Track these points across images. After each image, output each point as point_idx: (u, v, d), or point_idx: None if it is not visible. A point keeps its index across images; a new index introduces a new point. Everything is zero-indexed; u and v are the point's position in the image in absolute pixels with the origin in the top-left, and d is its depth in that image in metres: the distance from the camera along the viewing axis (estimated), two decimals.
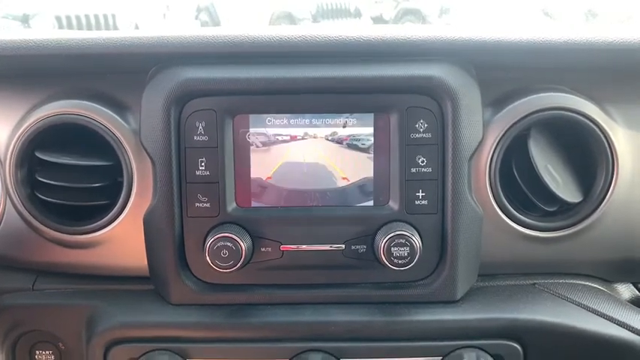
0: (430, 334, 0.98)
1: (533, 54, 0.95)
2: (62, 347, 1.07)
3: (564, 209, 1.01)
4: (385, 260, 0.93)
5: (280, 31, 0.93)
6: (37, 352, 1.09)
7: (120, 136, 0.98)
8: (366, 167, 0.97)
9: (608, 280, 1.09)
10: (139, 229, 0.98)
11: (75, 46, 0.92)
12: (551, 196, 0.98)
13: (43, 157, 0.99)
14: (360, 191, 0.98)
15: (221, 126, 0.94)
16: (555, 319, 0.98)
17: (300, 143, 0.96)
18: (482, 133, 0.96)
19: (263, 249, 0.97)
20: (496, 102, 0.99)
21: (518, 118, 0.97)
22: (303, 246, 0.97)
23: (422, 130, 0.94)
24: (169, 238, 0.96)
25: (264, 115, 0.95)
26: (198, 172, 0.95)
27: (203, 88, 0.93)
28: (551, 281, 1.05)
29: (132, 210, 0.99)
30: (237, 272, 0.94)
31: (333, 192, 0.98)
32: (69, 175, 0.99)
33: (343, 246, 0.97)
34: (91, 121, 0.97)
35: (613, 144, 0.98)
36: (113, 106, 0.99)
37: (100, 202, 1.01)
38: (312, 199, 0.98)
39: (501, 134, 0.98)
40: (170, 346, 0.97)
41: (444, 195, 0.96)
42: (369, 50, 0.93)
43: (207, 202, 0.96)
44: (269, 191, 0.97)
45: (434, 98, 0.94)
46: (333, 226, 0.97)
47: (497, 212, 1.00)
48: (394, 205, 0.96)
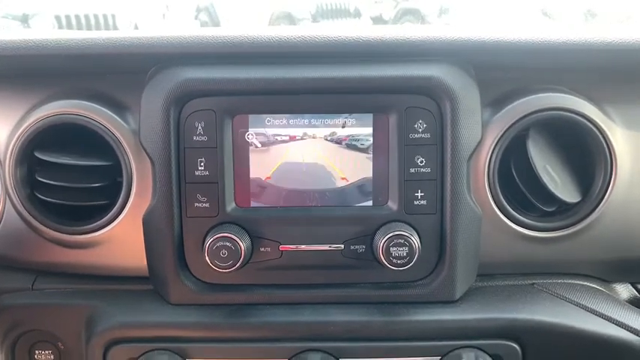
0: (429, 334, 0.98)
1: (532, 54, 0.95)
2: (62, 347, 1.08)
3: (563, 209, 1.01)
4: (384, 260, 0.93)
5: (280, 31, 0.93)
6: (37, 352, 1.09)
7: (119, 136, 0.98)
8: (365, 167, 0.97)
9: (607, 280, 1.09)
10: (138, 229, 0.98)
11: (74, 46, 0.93)
12: (549, 197, 0.98)
13: (42, 157, 0.99)
14: (359, 191, 0.98)
15: (220, 126, 0.94)
16: (554, 319, 0.98)
17: (300, 143, 0.96)
18: (481, 134, 0.96)
19: (262, 249, 0.97)
20: (495, 102, 0.99)
21: (517, 118, 0.97)
22: (302, 246, 0.98)
23: (421, 130, 0.95)
24: (169, 238, 0.96)
25: (264, 115, 0.95)
26: (197, 172, 0.95)
27: (202, 89, 0.93)
28: (550, 281, 1.05)
29: (131, 210, 0.99)
30: (236, 272, 0.94)
31: (332, 192, 0.98)
32: (68, 175, 0.99)
33: (342, 246, 0.98)
34: (91, 121, 0.97)
35: (611, 144, 0.98)
36: (113, 106, 0.99)
37: (99, 202, 1.01)
38: (311, 199, 0.98)
39: (500, 134, 0.98)
40: (169, 346, 0.97)
41: (443, 195, 0.96)
42: (368, 50, 0.93)
43: (206, 202, 0.96)
44: (268, 191, 0.98)
45: (433, 98, 0.94)
46: (332, 226, 0.97)
47: (496, 212, 1.00)
48: (393, 205, 0.97)
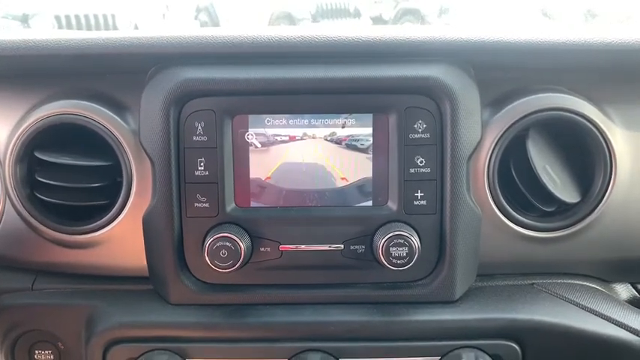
0: (429, 334, 0.98)
1: (532, 54, 0.95)
2: (61, 347, 1.08)
3: (562, 209, 1.01)
4: (384, 260, 0.93)
5: (279, 31, 0.93)
6: (37, 352, 1.09)
7: (119, 137, 0.98)
8: (365, 167, 0.97)
9: (607, 280, 1.09)
10: (138, 229, 0.98)
11: (74, 47, 0.93)
12: (549, 197, 0.98)
13: (42, 157, 0.99)
14: (358, 191, 0.98)
15: (220, 126, 0.94)
16: (553, 319, 0.98)
17: (299, 143, 0.96)
18: (480, 134, 0.96)
19: (262, 249, 0.97)
20: (495, 102, 0.99)
21: (517, 118, 0.97)
22: (302, 246, 0.98)
23: (420, 130, 0.95)
24: (168, 238, 0.96)
25: (264, 115, 0.95)
26: (197, 173, 0.95)
27: (202, 89, 0.93)
28: (550, 281, 1.05)
29: (131, 210, 0.99)
30: (236, 272, 0.94)
31: (332, 192, 0.98)
32: (68, 175, 0.99)
33: (342, 246, 0.98)
34: (91, 121, 0.97)
35: (611, 144, 0.98)
36: (112, 106, 0.99)
37: (99, 202, 1.01)
38: (311, 200, 0.98)
39: (500, 135, 0.98)
40: (169, 346, 0.97)
41: (443, 195, 0.96)
42: (368, 51, 0.93)
43: (206, 203, 0.96)
44: (268, 191, 0.98)
45: (432, 99, 0.94)
46: (332, 226, 0.97)
47: (496, 212, 1.00)
48: (393, 205, 0.97)
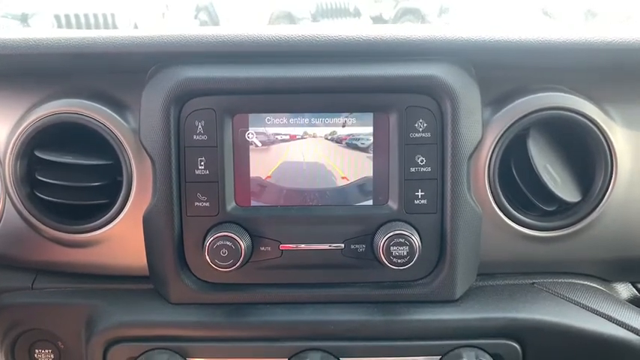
0: (429, 333, 0.98)
1: (533, 53, 0.95)
2: (62, 346, 1.07)
3: (563, 209, 1.01)
4: (384, 259, 0.93)
5: (280, 30, 0.93)
6: (37, 351, 1.09)
7: (119, 135, 0.97)
8: (366, 167, 0.97)
9: (607, 279, 1.09)
10: (138, 228, 0.98)
11: (75, 45, 0.92)
12: (550, 196, 0.98)
13: (42, 156, 0.99)
14: (359, 190, 0.98)
15: (220, 125, 0.94)
16: (554, 318, 0.98)
17: (300, 142, 0.96)
18: (481, 133, 0.96)
19: (262, 248, 0.97)
20: (495, 101, 0.99)
21: (518, 117, 0.97)
22: (302, 245, 0.97)
23: (421, 129, 0.95)
24: (169, 237, 0.96)
25: (264, 114, 0.95)
26: (197, 172, 0.95)
27: (202, 88, 0.93)
28: (550, 280, 1.05)
29: (131, 209, 0.99)
30: (236, 271, 0.94)
31: (333, 191, 0.98)
32: (68, 174, 0.98)
33: (342, 245, 0.97)
34: (91, 120, 0.97)
35: (612, 143, 0.98)
36: (113, 105, 0.98)
37: (99, 201, 1.01)
38: (312, 199, 0.98)
39: (500, 134, 0.98)
40: (169, 345, 0.97)
41: (444, 194, 0.96)
42: (369, 50, 0.93)
43: (206, 202, 0.96)
44: (268, 190, 0.97)
45: (433, 98, 0.94)
46: (333, 226, 0.97)
47: (497, 212, 1.00)
48: (393, 204, 0.96)
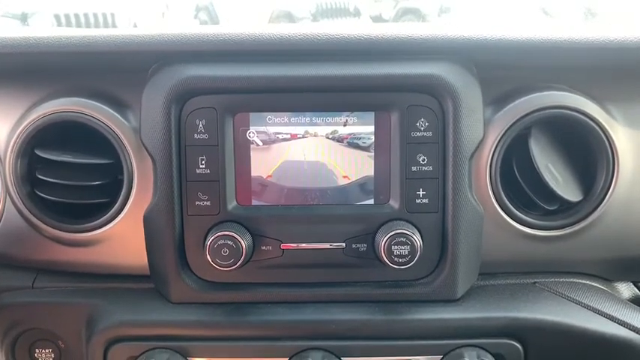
0: (431, 332, 0.98)
1: (535, 52, 0.95)
2: (62, 345, 1.07)
3: (565, 208, 1.01)
4: (386, 259, 0.93)
5: (281, 29, 0.93)
6: (37, 351, 1.09)
7: (120, 134, 0.97)
8: (367, 166, 0.97)
9: (609, 278, 1.09)
10: (139, 228, 0.98)
11: (75, 44, 0.92)
12: (551, 195, 0.98)
13: (43, 154, 0.98)
14: (360, 190, 0.97)
15: (221, 124, 0.94)
16: (556, 317, 0.98)
17: (301, 141, 0.96)
18: (483, 132, 0.96)
19: (263, 247, 0.97)
20: (497, 100, 0.99)
21: (519, 116, 0.97)
22: (303, 244, 0.97)
23: (423, 128, 0.94)
24: (170, 236, 0.96)
25: (265, 113, 0.95)
26: (198, 171, 0.95)
27: (204, 86, 0.93)
28: (552, 280, 1.05)
29: (132, 208, 0.99)
30: (237, 271, 0.94)
31: (334, 190, 0.98)
32: (69, 172, 0.98)
33: (344, 244, 0.97)
34: (92, 118, 0.97)
35: (613, 142, 0.98)
36: (113, 103, 0.98)
37: (100, 200, 1.00)
38: (313, 198, 0.98)
39: (502, 133, 0.98)
40: (170, 345, 0.97)
41: (445, 194, 0.96)
42: (370, 48, 0.93)
43: (207, 201, 0.95)
44: (269, 189, 0.97)
45: (435, 97, 0.94)
46: (334, 225, 0.97)
47: (498, 211, 1.00)
48: (395, 203, 0.96)
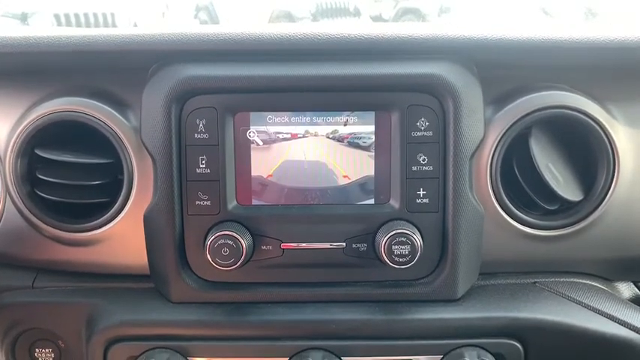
0: (431, 332, 0.98)
1: (536, 52, 0.95)
2: (62, 345, 1.07)
3: (565, 208, 1.01)
4: (386, 258, 0.93)
5: (282, 28, 0.93)
6: (37, 350, 1.08)
7: (120, 134, 0.97)
8: (367, 165, 0.97)
9: (609, 278, 1.09)
10: (139, 227, 0.98)
11: (76, 44, 0.92)
12: (552, 195, 0.98)
13: (43, 154, 0.98)
14: (360, 189, 0.97)
15: (222, 124, 0.94)
16: (556, 317, 0.98)
17: (301, 141, 0.96)
18: (483, 132, 0.96)
19: (264, 247, 0.97)
20: (497, 100, 0.99)
21: (520, 116, 0.97)
22: (303, 244, 0.97)
23: (423, 128, 0.94)
24: (170, 236, 0.96)
25: (265, 112, 0.95)
26: (198, 170, 0.95)
27: (204, 86, 0.93)
28: (552, 280, 1.05)
29: (132, 208, 0.99)
30: (237, 270, 0.94)
31: (334, 190, 0.97)
32: (69, 172, 0.98)
33: (344, 244, 0.97)
34: (92, 118, 0.97)
35: (614, 142, 0.98)
36: (114, 103, 0.98)
37: (100, 200, 1.00)
38: (313, 197, 0.98)
39: (502, 132, 0.98)
40: (170, 345, 0.97)
41: (445, 193, 0.95)
42: (371, 48, 0.93)
43: (207, 200, 0.95)
44: (270, 189, 0.97)
45: (435, 96, 0.94)
46: (334, 225, 0.97)
47: (499, 211, 0.99)
48: (395, 203, 0.96)
